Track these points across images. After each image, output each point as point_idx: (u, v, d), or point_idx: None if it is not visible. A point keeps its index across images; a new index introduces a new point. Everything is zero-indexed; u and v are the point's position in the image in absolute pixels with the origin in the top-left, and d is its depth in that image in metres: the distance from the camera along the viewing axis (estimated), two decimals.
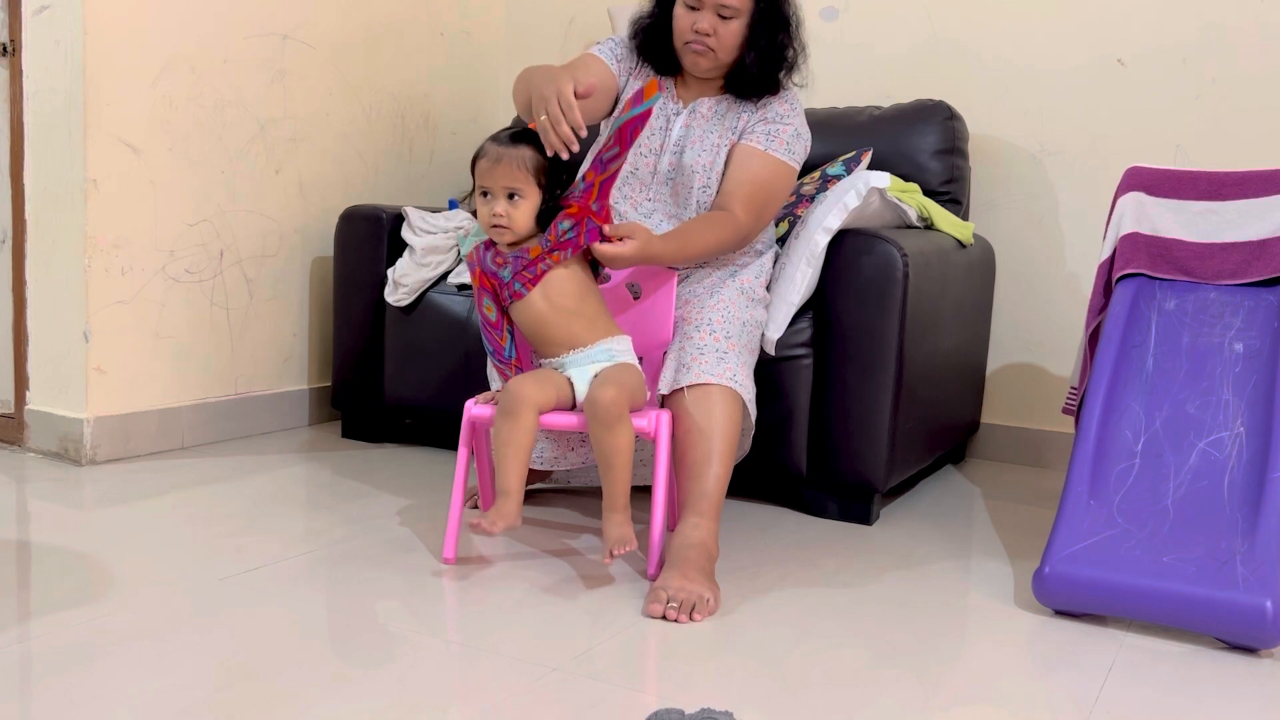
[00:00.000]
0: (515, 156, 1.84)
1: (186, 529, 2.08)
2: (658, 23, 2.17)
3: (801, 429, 2.30)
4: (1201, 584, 1.69)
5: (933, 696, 1.51)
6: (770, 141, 2.13)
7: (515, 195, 1.85)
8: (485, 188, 1.87)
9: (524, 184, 1.85)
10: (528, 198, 1.85)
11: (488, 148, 1.88)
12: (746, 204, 2.10)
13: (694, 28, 2.08)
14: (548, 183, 1.87)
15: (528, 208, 1.86)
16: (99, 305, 2.51)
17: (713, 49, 2.10)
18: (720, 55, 2.11)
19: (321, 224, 3.03)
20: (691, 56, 2.12)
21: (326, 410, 3.10)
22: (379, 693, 1.43)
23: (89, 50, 2.43)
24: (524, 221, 1.87)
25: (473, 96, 3.53)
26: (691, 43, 2.10)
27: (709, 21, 2.08)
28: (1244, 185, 2.08)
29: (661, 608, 1.72)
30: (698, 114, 2.19)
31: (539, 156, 1.85)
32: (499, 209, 1.85)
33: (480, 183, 1.88)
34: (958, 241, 2.58)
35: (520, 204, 1.85)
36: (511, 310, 1.94)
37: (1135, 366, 2.00)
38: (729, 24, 2.09)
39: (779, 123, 2.15)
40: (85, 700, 1.37)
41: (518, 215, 1.86)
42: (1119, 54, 2.80)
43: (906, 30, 3.02)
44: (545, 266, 1.88)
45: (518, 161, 1.84)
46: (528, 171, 1.84)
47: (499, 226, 1.87)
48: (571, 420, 1.90)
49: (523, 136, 1.87)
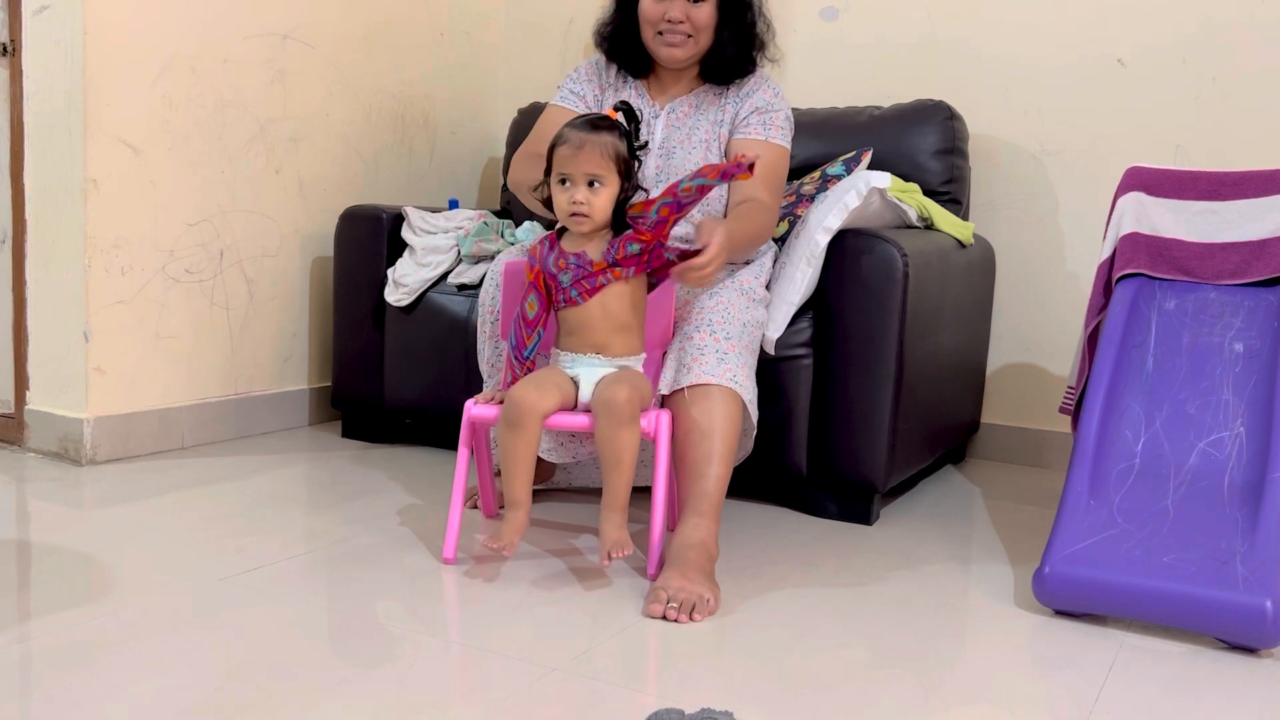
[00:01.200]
0: (598, 143, 1.83)
1: (186, 529, 2.08)
2: (622, 25, 2.18)
3: (801, 429, 2.30)
4: (1201, 584, 1.69)
5: (933, 696, 1.51)
6: (768, 130, 2.19)
7: (596, 183, 1.84)
8: (565, 174, 1.85)
9: (606, 171, 1.83)
10: (608, 185, 1.84)
11: (568, 134, 1.85)
12: (768, 190, 2.15)
13: (665, 17, 2.09)
14: (626, 171, 1.87)
15: (607, 195, 1.85)
16: (99, 305, 2.51)
17: (689, 35, 2.11)
18: (698, 40, 2.13)
19: (321, 224, 3.03)
20: (667, 50, 2.13)
21: (326, 410, 3.10)
22: (379, 693, 1.43)
23: (89, 50, 2.43)
24: (603, 210, 1.85)
25: (473, 96, 3.53)
26: (665, 33, 2.11)
27: (681, 9, 2.09)
28: (1244, 185, 2.08)
29: (662, 608, 1.72)
30: (677, 114, 2.21)
31: (620, 144, 1.84)
32: (579, 196, 1.83)
33: (560, 169, 1.85)
34: (958, 241, 2.58)
35: (601, 191, 1.84)
36: (561, 310, 1.94)
37: (1135, 366, 2.00)
38: (700, 7, 2.11)
39: (770, 110, 2.21)
40: (85, 700, 1.37)
41: (598, 203, 1.84)
42: (1119, 54, 2.80)
43: (906, 30, 3.02)
44: (605, 280, 1.89)
45: (601, 148, 1.83)
46: (610, 159, 1.83)
47: (578, 215, 1.85)
48: (581, 421, 1.90)
49: (603, 123, 1.86)
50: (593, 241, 1.90)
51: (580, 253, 1.90)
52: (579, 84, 2.26)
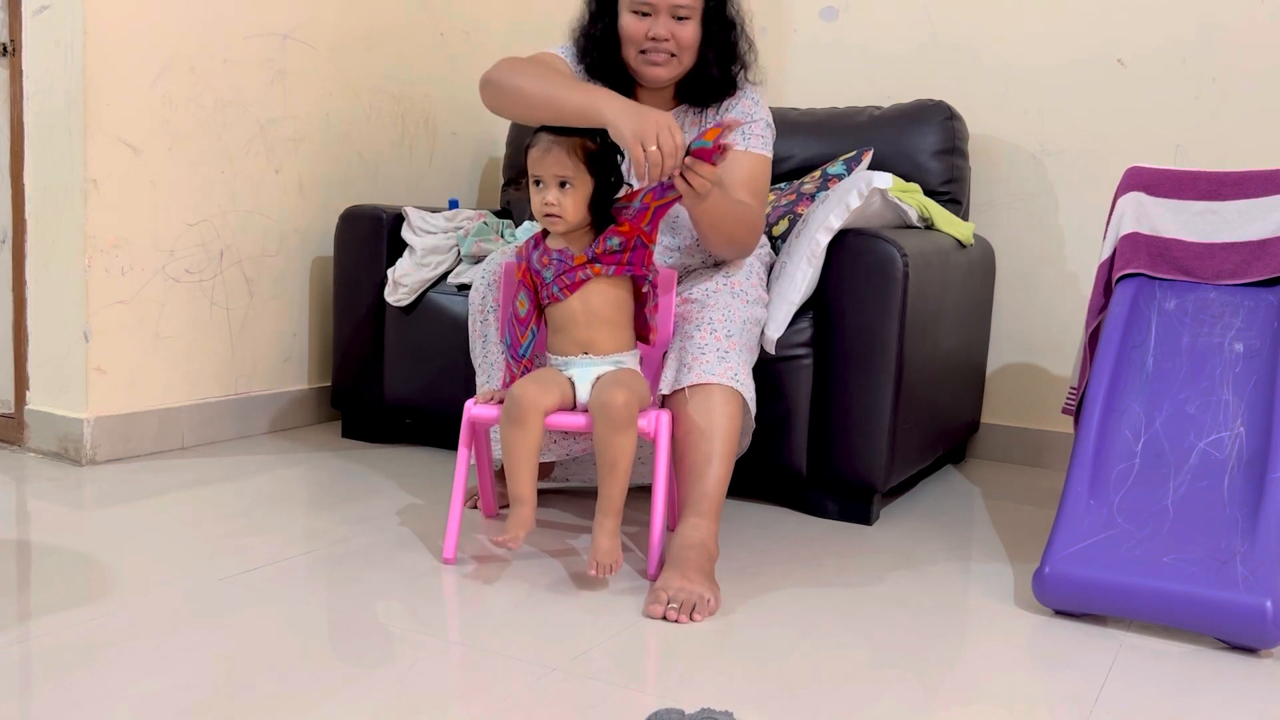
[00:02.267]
0: (566, 144, 1.84)
1: (186, 529, 2.08)
2: (603, 40, 2.11)
3: (801, 429, 2.30)
4: (1201, 584, 1.69)
5: (933, 696, 1.51)
6: (748, 140, 2.14)
7: (567, 184, 1.85)
8: (537, 176, 1.87)
9: (575, 172, 1.84)
10: (579, 186, 1.85)
11: (539, 136, 1.87)
12: (752, 195, 2.12)
13: (649, 35, 2.03)
14: (600, 170, 1.86)
15: (579, 196, 1.86)
16: (99, 305, 2.51)
17: (673, 54, 2.06)
18: (682, 60, 2.08)
19: (321, 224, 3.03)
20: (650, 69, 2.08)
21: (326, 410, 3.10)
22: (379, 693, 1.43)
23: (89, 50, 2.43)
24: (576, 210, 1.86)
25: (473, 97, 3.52)
26: (648, 52, 2.06)
27: (665, 26, 2.03)
28: (1244, 185, 2.08)
29: (662, 608, 1.72)
30: None
31: (590, 144, 1.85)
32: (550, 197, 1.85)
33: (532, 171, 1.87)
34: (958, 241, 2.58)
35: (571, 192, 1.85)
36: (547, 308, 1.95)
37: (1135, 366, 2.00)
38: (685, 25, 2.05)
39: (749, 120, 2.15)
40: (85, 700, 1.37)
41: (569, 203, 1.85)
42: (1119, 54, 2.80)
43: (906, 30, 3.02)
44: (585, 276, 1.90)
45: (568, 148, 1.84)
46: (579, 159, 1.84)
47: (551, 215, 1.86)
48: (579, 421, 1.90)
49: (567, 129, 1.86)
50: (576, 239, 1.92)
51: (563, 249, 1.92)
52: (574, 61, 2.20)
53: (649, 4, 2.03)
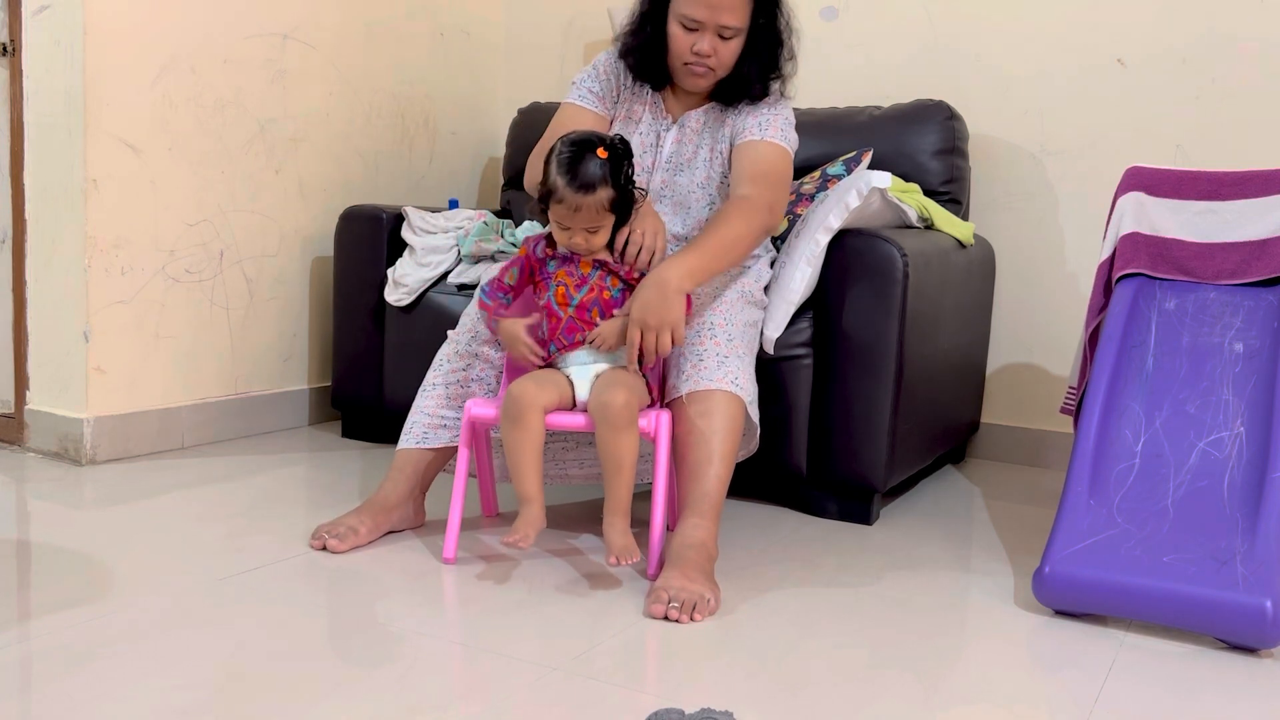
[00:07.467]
0: (593, 204, 1.89)
1: (186, 529, 2.08)
2: (650, 43, 2.15)
3: (801, 429, 2.30)
4: (1201, 584, 1.69)
5: (933, 696, 1.51)
6: (764, 130, 2.13)
7: (596, 230, 1.93)
8: (564, 225, 1.92)
9: (601, 221, 1.92)
10: (604, 227, 1.94)
11: (564, 194, 1.88)
12: (755, 182, 2.09)
13: (694, 49, 2.07)
14: (621, 208, 1.94)
15: (604, 235, 1.95)
16: (99, 305, 2.51)
17: (713, 69, 2.10)
18: (719, 73, 2.13)
19: (321, 224, 3.03)
20: (691, 78, 2.13)
21: (326, 410, 3.10)
22: (379, 693, 1.43)
23: (89, 50, 2.43)
24: (601, 244, 1.96)
25: (473, 97, 3.53)
26: (692, 64, 2.10)
27: (709, 43, 2.07)
28: (1244, 185, 2.08)
29: (663, 608, 1.72)
30: (687, 128, 2.20)
31: (612, 193, 1.91)
32: (578, 240, 1.93)
33: (557, 220, 1.93)
34: (958, 241, 2.58)
35: (599, 233, 1.94)
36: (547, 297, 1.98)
37: (1135, 366, 2.00)
38: (729, 43, 2.09)
39: (769, 113, 2.16)
40: (85, 700, 1.37)
41: (596, 241, 1.95)
42: (1119, 54, 2.80)
43: (906, 30, 3.02)
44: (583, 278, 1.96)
45: (596, 207, 1.89)
46: (605, 210, 1.91)
47: (577, 251, 1.96)
48: (579, 420, 1.90)
49: (591, 183, 1.88)
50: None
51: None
52: (596, 83, 2.22)
53: (698, 21, 2.06)
